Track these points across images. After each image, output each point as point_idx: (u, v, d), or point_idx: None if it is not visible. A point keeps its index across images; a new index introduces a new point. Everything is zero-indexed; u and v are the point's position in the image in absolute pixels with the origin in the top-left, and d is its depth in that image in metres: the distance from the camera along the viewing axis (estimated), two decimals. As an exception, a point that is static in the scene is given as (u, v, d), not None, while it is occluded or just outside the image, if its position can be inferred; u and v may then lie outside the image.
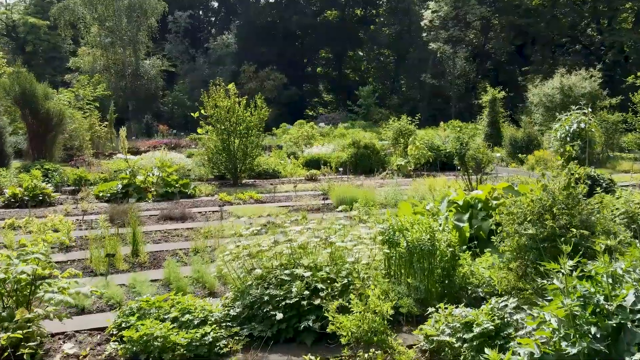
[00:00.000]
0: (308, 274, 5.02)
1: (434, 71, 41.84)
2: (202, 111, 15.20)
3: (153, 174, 13.07)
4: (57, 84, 31.59)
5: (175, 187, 12.76)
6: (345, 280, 5.25)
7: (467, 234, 7.47)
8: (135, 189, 12.58)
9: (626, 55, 37.80)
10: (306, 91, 51.46)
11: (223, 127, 14.99)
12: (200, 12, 53.91)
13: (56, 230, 8.98)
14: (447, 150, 18.79)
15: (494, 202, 7.83)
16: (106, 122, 24.01)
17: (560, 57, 39.42)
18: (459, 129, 30.52)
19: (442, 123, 27.38)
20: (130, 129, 37.53)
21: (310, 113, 52.32)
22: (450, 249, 5.83)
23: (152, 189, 12.86)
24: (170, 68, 42.72)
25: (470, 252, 6.41)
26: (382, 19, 49.55)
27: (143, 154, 21.13)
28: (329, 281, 5.26)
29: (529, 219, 4.59)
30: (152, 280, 6.81)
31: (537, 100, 21.72)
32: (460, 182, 13.53)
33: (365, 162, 17.83)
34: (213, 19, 54.31)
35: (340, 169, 16.77)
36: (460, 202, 8.06)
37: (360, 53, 54.61)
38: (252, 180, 16.16)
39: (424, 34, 41.41)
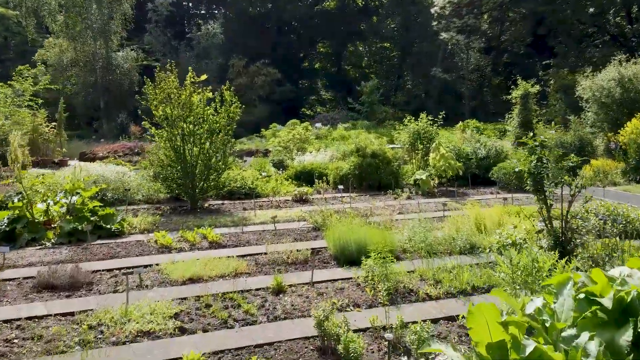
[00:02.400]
0: None
1: (444, 65, 37.49)
2: (155, 110, 10.87)
3: (58, 201, 8.74)
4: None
5: (91, 221, 8.42)
6: None
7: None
8: (27, 224, 8.24)
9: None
10: (302, 88, 47.08)
11: (175, 131, 10.67)
12: (189, 3, 49.52)
13: None
14: (480, 159, 14.46)
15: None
16: (54, 123, 19.71)
17: (587, 48, 35.07)
18: (477, 130, 26.25)
19: (460, 123, 23.02)
20: (101, 129, 33.19)
21: (307, 112, 47.99)
22: None
23: (56, 224, 8.53)
24: (152, 62, 38.33)
25: None
26: (385, 10, 45.18)
27: (93, 162, 16.88)
28: None
29: None
30: None
31: (588, 94, 17.39)
32: (525, 210, 9.25)
33: (373, 176, 13.50)
34: (203, 11, 49.93)
35: (341, 187, 12.44)
36: (606, 302, 3.68)
37: (361, 48, 50.25)
38: (220, 203, 11.80)
39: (434, 23, 37.06)
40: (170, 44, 38.75)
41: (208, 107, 10.95)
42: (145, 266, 6.98)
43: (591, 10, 35.00)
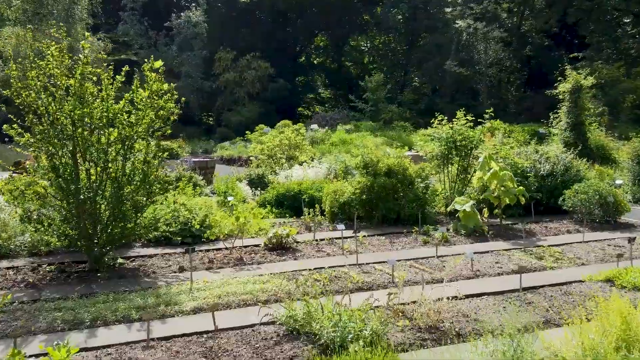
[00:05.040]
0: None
1: (458, 58, 33.05)
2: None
3: None
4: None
5: None
6: None
7: None
8: None
9: None
10: (299, 85, 42.68)
11: (60, 140, 6.31)
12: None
13: None
14: (542, 177, 10.06)
15: None
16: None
17: (623, 39, 30.68)
18: (505, 133, 21.87)
19: (488, 123, 18.48)
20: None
21: (304, 112, 43.68)
22: None
23: None
24: (131, 55, 33.96)
25: None
26: (390, -1, 40.64)
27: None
28: None
29: None
30: None
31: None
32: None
33: (388, 204, 9.12)
34: None
35: (341, 227, 8.00)
36: None
37: (364, 42, 45.85)
38: (147, 255, 7.37)
39: (448, 9, 32.71)
40: (148, 34, 34.34)
41: (122, 102, 6.59)
42: None
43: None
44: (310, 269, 6.55)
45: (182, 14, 33.37)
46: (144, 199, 6.68)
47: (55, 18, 27.44)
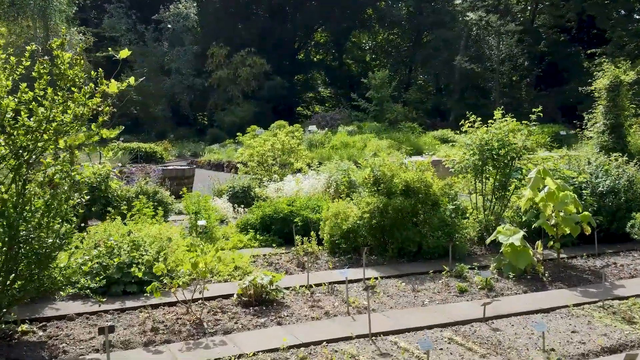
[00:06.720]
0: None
1: (468, 54, 30.84)
2: None
3: None
4: None
5: None
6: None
7: None
8: None
9: None
10: (297, 84, 40.48)
11: None
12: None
13: None
14: (601, 194, 7.86)
15: None
16: None
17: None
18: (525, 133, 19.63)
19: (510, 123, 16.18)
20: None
21: (304, 112, 41.54)
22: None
23: None
24: (116, 51, 31.59)
25: None
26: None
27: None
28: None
29: None
30: None
31: None
32: None
33: (407, 231, 6.93)
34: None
35: (345, 272, 5.76)
36: None
37: (367, 37, 43.69)
38: (71, 312, 5.15)
39: (459, 1, 30.51)
40: (136, 29, 32.09)
41: (15, 96, 4.44)
42: None
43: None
44: (299, 346, 4.38)
45: (171, 5, 31.13)
46: (56, 241, 4.49)
47: (32, 9, 25.26)
